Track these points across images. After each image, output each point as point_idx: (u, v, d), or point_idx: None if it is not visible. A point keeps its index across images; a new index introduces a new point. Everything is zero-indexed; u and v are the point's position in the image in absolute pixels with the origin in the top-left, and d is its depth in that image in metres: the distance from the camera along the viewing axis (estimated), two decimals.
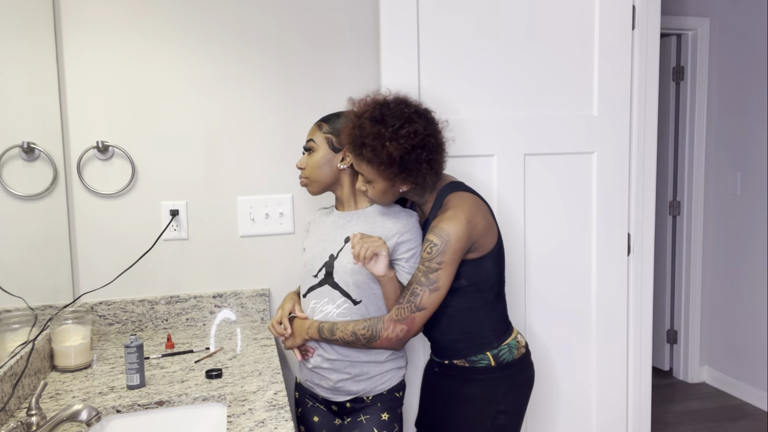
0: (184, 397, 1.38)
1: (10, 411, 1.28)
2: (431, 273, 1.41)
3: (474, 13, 1.90)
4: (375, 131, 1.40)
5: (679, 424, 3.19)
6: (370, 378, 1.53)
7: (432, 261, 1.41)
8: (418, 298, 1.41)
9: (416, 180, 1.44)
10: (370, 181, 1.46)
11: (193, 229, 1.94)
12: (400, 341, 1.44)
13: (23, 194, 1.50)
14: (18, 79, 1.49)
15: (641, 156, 2.07)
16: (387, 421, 1.55)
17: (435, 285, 1.41)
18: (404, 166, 1.41)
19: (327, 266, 1.54)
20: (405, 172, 1.42)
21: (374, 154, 1.40)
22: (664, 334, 3.90)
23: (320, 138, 1.56)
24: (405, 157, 1.40)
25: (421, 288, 1.41)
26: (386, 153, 1.39)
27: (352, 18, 1.98)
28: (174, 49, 1.87)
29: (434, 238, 1.41)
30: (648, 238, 2.11)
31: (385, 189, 1.46)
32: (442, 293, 1.42)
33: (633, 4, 2.00)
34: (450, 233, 1.40)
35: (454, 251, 1.41)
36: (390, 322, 1.43)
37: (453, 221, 1.41)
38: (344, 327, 1.47)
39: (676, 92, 3.72)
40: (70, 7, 1.79)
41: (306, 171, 1.58)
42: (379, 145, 1.39)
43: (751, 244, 3.38)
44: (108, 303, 1.87)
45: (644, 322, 2.13)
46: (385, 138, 1.39)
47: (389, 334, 1.43)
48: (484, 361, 1.51)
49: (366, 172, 1.45)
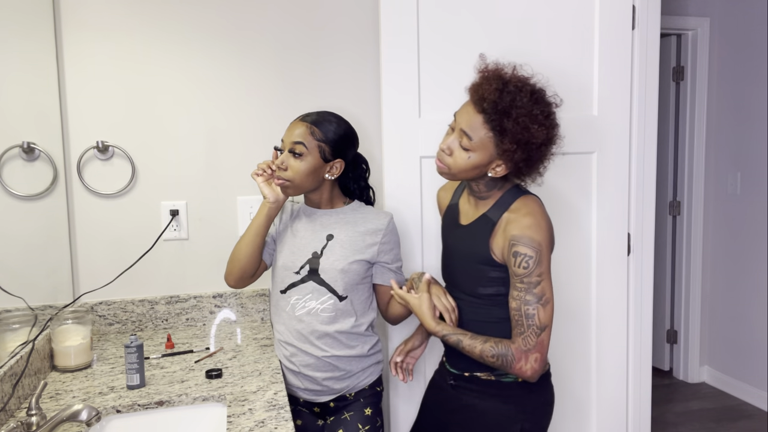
0: (184, 397, 1.38)
1: (10, 411, 1.28)
2: (535, 288, 1.32)
3: (474, 12, 1.89)
4: (528, 109, 1.30)
5: (679, 424, 3.19)
6: (352, 375, 1.57)
7: (531, 275, 1.32)
8: (535, 318, 1.32)
9: (523, 171, 1.36)
10: (468, 149, 1.35)
11: (193, 229, 1.94)
12: (536, 372, 1.35)
13: (23, 194, 1.50)
14: (18, 79, 1.49)
15: (641, 156, 2.07)
16: (370, 415, 1.59)
17: (544, 298, 1.33)
18: (530, 153, 1.32)
19: (311, 263, 1.54)
20: (526, 161, 1.33)
21: (515, 127, 1.29)
22: (664, 334, 3.90)
23: (312, 144, 1.50)
24: (539, 147, 1.32)
25: (532, 307, 1.32)
26: (529, 134, 1.30)
27: (352, 17, 1.98)
28: (174, 49, 1.87)
29: (526, 250, 1.32)
30: (648, 238, 2.11)
31: (480, 164, 1.36)
32: (552, 304, 1.34)
33: (633, 4, 2.00)
34: (541, 242, 1.33)
35: (548, 258, 1.34)
36: (520, 353, 1.33)
37: (538, 229, 1.33)
38: (471, 347, 1.39)
39: (676, 92, 3.72)
40: (70, 7, 1.79)
41: (289, 173, 1.50)
42: (528, 121, 1.29)
43: (751, 244, 3.38)
44: (108, 303, 1.87)
45: (644, 322, 2.13)
46: (537, 120, 1.31)
47: (523, 366, 1.34)
48: (510, 376, 1.43)
49: (480, 140, 1.33)
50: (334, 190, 1.60)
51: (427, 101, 1.89)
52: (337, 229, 1.57)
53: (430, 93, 1.89)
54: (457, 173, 1.39)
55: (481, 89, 1.34)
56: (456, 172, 1.39)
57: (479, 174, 1.40)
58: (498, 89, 1.32)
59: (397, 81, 1.85)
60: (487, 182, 1.43)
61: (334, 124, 1.53)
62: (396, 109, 1.86)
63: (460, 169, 1.38)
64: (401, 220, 1.89)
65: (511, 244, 1.34)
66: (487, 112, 1.32)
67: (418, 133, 1.88)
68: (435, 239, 1.93)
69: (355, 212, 1.60)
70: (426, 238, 1.92)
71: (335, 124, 1.54)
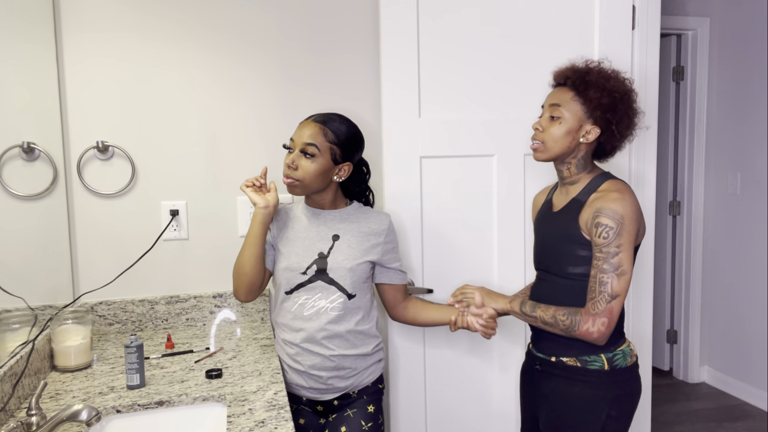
0: (184, 397, 1.38)
1: (10, 411, 1.28)
2: (612, 258, 1.36)
3: (474, 13, 1.90)
4: (603, 71, 1.46)
5: (679, 424, 3.19)
6: (357, 373, 1.58)
7: (610, 246, 1.36)
8: (608, 286, 1.36)
9: (613, 132, 1.45)
10: (558, 117, 1.45)
11: (193, 229, 1.94)
12: (603, 335, 1.38)
13: (23, 194, 1.50)
14: (18, 79, 1.49)
15: (641, 156, 2.07)
16: (373, 412, 1.61)
17: (620, 269, 1.36)
18: (614, 104, 1.42)
19: (318, 263, 1.55)
20: (613, 114, 1.43)
21: (597, 79, 1.43)
22: (664, 334, 3.90)
23: (325, 146, 1.51)
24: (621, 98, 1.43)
25: (607, 275, 1.36)
26: (609, 84, 1.42)
27: (351, 18, 1.98)
28: (174, 49, 1.87)
29: (607, 221, 1.37)
30: (648, 238, 2.11)
31: (571, 128, 1.45)
32: (628, 276, 1.37)
33: (633, 4, 2.00)
34: (624, 214, 1.36)
35: (629, 233, 1.37)
36: (588, 316, 1.38)
37: (622, 202, 1.37)
38: (545, 308, 1.46)
39: (676, 92, 3.71)
40: (70, 7, 1.79)
41: (299, 173, 1.51)
42: (605, 77, 1.44)
43: (751, 244, 3.38)
44: (108, 303, 1.87)
45: (644, 322, 2.13)
46: (611, 76, 1.44)
47: (590, 328, 1.38)
48: (597, 363, 1.46)
49: (567, 104, 1.45)
50: (338, 192, 1.62)
51: (428, 101, 1.89)
52: (342, 229, 1.58)
53: (431, 93, 1.89)
54: (551, 146, 1.47)
55: (560, 72, 1.51)
56: (551, 145, 1.47)
57: (572, 143, 1.46)
58: (574, 66, 1.50)
59: (397, 81, 1.85)
60: (578, 162, 1.49)
61: (345, 127, 1.55)
62: (396, 109, 1.86)
63: (555, 139, 1.46)
64: (401, 220, 1.89)
65: (595, 216, 1.40)
66: (569, 78, 1.47)
67: (418, 133, 1.88)
68: (435, 239, 1.93)
69: (357, 213, 1.62)
70: (426, 239, 1.93)
71: (346, 126, 1.55)
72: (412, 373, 1.95)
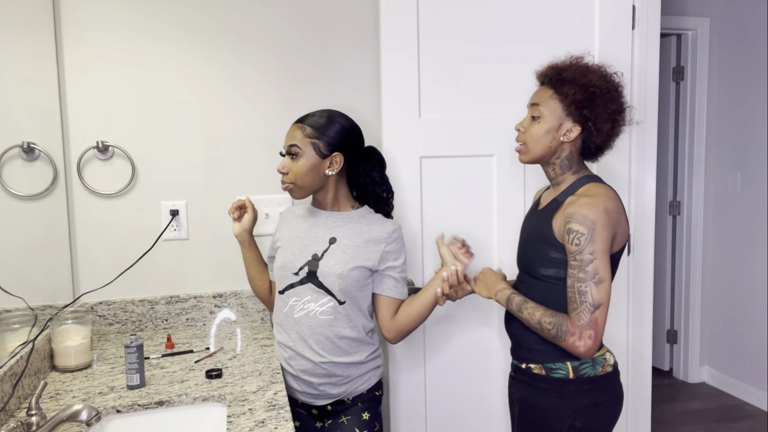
0: (184, 397, 1.38)
1: (10, 411, 1.28)
2: (587, 266, 1.31)
3: (474, 12, 1.90)
4: (583, 65, 1.42)
5: (679, 424, 3.19)
6: (350, 381, 1.55)
7: (583, 253, 1.32)
8: (587, 295, 1.31)
9: (592, 131, 1.40)
10: (538, 117, 1.42)
11: (193, 229, 1.94)
12: (589, 350, 1.32)
13: (23, 194, 1.50)
14: (18, 79, 1.49)
15: (641, 156, 2.07)
16: (368, 420, 1.57)
17: (597, 277, 1.31)
18: (593, 99, 1.38)
19: (310, 265, 1.53)
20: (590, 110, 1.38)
21: (574, 74, 1.40)
22: (664, 334, 3.90)
23: (305, 142, 1.50)
24: (601, 95, 1.38)
25: (585, 284, 1.31)
26: (586, 79, 1.38)
27: (352, 17, 1.98)
28: (174, 49, 1.87)
29: (578, 227, 1.33)
30: (648, 238, 2.11)
31: (551, 127, 1.41)
32: (607, 284, 1.32)
33: (633, 4, 2.00)
34: (594, 220, 1.32)
35: (603, 239, 1.32)
36: (574, 328, 1.32)
37: (592, 207, 1.33)
38: (533, 311, 1.40)
39: (676, 92, 3.72)
40: (70, 7, 1.79)
41: (290, 176, 1.52)
42: (583, 71, 1.40)
43: (751, 244, 3.38)
44: (108, 303, 1.87)
45: (644, 322, 2.13)
46: (591, 70, 1.41)
47: (576, 342, 1.32)
48: (561, 371, 1.41)
49: (546, 102, 1.42)
50: (339, 191, 1.58)
51: (428, 101, 1.89)
52: (341, 232, 1.55)
53: (431, 92, 1.89)
54: (532, 147, 1.45)
55: (541, 71, 1.49)
56: (532, 145, 1.45)
57: (553, 143, 1.43)
58: (553, 64, 1.48)
59: (397, 81, 1.85)
60: (562, 162, 1.46)
61: (324, 118, 1.52)
62: (396, 109, 1.86)
63: (535, 139, 1.44)
64: (400, 220, 1.89)
65: (566, 222, 1.36)
66: (547, 76, 1.45)
67: (418, 133, 1.88)
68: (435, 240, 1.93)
69: (361, 218, 1.57)
70: (426, 239, 1.93)
71: (325, 118, 1.52)
72: (413, 380, 1.94)
